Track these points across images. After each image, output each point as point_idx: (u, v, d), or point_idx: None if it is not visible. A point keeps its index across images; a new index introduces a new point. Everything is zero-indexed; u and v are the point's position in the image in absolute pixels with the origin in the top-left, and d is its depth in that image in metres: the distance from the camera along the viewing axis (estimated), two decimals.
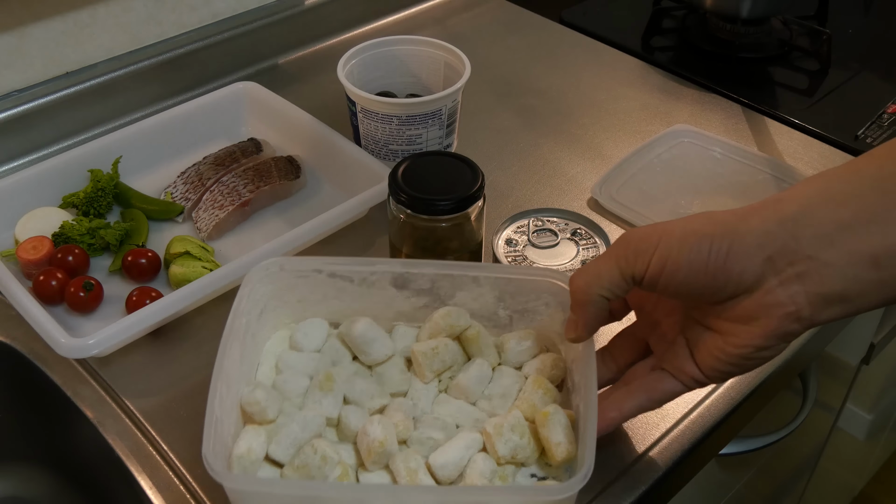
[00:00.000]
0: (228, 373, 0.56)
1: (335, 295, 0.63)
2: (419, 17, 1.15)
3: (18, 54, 0.86)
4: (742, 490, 1.02)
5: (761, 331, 0.49)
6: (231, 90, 0.91)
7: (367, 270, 0.62)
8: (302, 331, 0.63)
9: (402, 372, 0.62)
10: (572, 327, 0.55)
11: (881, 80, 1.04)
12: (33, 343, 0.69)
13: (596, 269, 0.52)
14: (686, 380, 0.54)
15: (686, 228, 0.49)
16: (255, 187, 0.81)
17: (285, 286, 0.63)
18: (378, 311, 0.64)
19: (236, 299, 0.59)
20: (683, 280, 0.48)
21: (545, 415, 0.55)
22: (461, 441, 0.56)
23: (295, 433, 0.56)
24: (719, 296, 0.49)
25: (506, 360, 0.62)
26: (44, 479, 0.77)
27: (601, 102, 0.99)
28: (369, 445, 0.54)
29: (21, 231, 0.76)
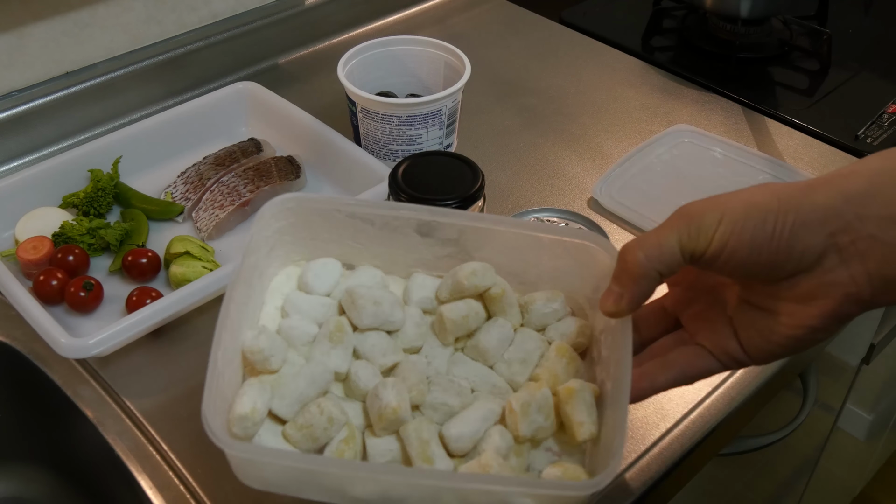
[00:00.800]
0: (234, 321, 0.52)
1: (352, 236, 0.59)
2: (419, 17, 1.15)
3: (18, 54, 0.86)
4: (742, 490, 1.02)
5: (818, 311, 0.46)
6: (231, 90, 0.91)
7: (390, 214, 0.58)
8: (313, 271, 0.59)
9: (418, 326, 0.58)
10: (613, 299, 0.50)
11: (881, 80, 1.04)
12: (33, 343, 0.69)
13: (656, 241, 0.48)
14: (726, 359, 0.51)
15: (749, 202, 0.46)
16: (255, 187, 0.81)
17: (299, 222, 0.59)
18: (397, 256, 0.60)
19: (247, 238, 0.55)
20: (745, 258, 0.46)
21: (570, 391, 0.52)
22: (477, 412, 0.53)
23: (300, 389, 0.53)
24: (777, 274, 0.47)
25: (529, 320, 0.59)
26: (44, 479, 0.77)
27: (601, 102, 0.99)
28: (381, 411, 0.51)
29: (21, 231, 0.76)
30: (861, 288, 0.46)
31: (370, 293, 0.57)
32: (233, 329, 0.52)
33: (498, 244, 0.58)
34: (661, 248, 0.48)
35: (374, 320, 0.56)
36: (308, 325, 0.57)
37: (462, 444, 0.51)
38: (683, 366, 0.52)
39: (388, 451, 0.52)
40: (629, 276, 0.49)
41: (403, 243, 0.59)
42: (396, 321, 0.57)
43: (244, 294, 0.54)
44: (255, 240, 0.56)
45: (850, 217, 0.45)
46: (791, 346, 0.49)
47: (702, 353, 0.52)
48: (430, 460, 0.50)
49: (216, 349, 0.50)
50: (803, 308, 0.47)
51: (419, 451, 0.51)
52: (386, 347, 0.56)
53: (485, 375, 0.56)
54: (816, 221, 0.45)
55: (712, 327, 0.52)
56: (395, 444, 0.52)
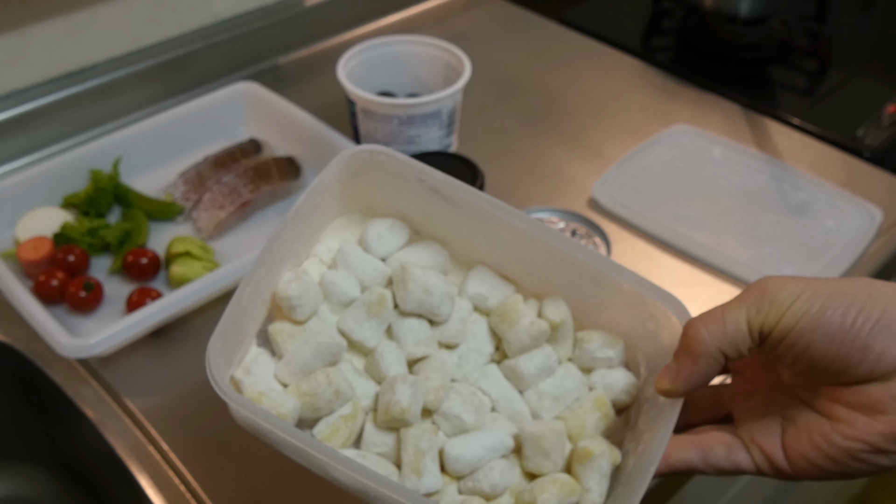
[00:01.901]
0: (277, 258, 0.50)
1: (427, 210, 0.55)
2: (419, 17, 1.15)
3: (19, 54, 0.86)
4: (742, 490, 1.02)
5: (885, 427, 0.40)
6: (231, 90, 0.91)
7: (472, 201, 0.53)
8: (377, 229, 0.55)
9: (462, 322, 0.54)
10: (669, 377, 0.45)
11: (881, 80, 1.04)
12: (34, 343, 0.69)
13: (720, 316, 0.43)
14: (760, 457, 0.45)
15: (837, 286, 0.41)
16: (255, 187, 0.81)
17: (378, 180, 0.54)
18: (466, 242, 0.56)
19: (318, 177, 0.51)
20: (813, 344, 0.41)
21: (588, 454, 0.48)
22: (487, 440, 0.50)
23: (305, 358, 0.50)
24: (847, 375, 0.41)
25: (578, 357, 0.54)
26: (44, 479, 0.77)
27: (601, 102, 0.99)
28: (389, 406, 0.48)
29: (22, 231, 0.76)
30: None
31: (424, 278, 0.52)
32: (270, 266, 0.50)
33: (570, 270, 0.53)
34: (725, 325, 0.43)
35: (418, 307, 0.53)
36: (351, 286, 0.53)
37: (459, 467, 0.49)
38: (706, 450, 0.46)
39: (382, 444, 0.50)
40: (687, 353, 0.44)
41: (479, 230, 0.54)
42: (442, 315, 0.53)
43: (296, 232, 0.51)
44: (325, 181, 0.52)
45: None
46: (840, 463, 0.42)
47: (734, 443, 0.46)
48: (418, 472, 0.48)
49: (245, 285, 0.47)
50: (868, 420, 0.41)
51: (412, 459, 0.49)
52: (421, 337, 0.53)
53: (511, 399, 0.53)
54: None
55: (758, 420, 0.46)
56: (392, 441, 0.50)
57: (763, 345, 0.43)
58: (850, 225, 0.81)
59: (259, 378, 0.50)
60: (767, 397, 0.47)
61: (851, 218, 0.82)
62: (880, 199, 0.84)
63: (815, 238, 0.80)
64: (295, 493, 0.60)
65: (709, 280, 0.77)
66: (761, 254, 0.79)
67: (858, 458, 0.41)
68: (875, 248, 0.81)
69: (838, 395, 0.42)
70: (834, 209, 0.83)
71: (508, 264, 0.56)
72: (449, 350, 0.54)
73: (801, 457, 0.43)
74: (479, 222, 0.54)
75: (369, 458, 0.50)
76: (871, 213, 0.82)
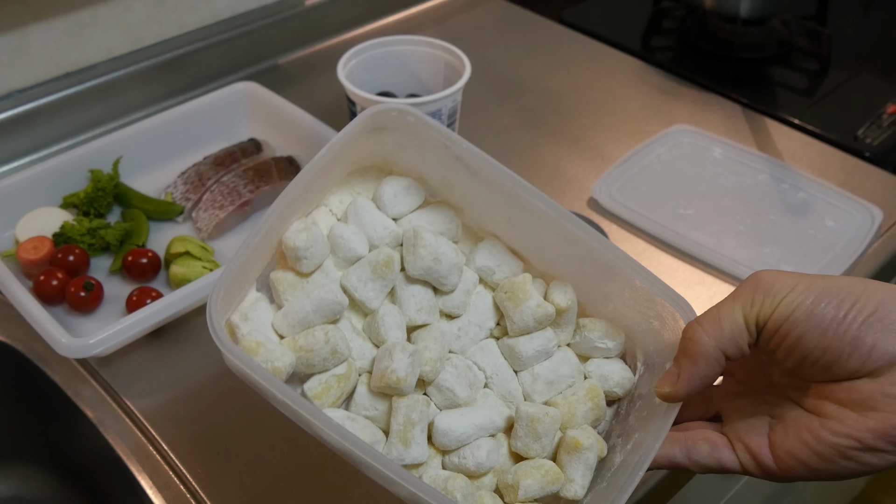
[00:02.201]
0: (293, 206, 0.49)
1: (448, 177, 0.54)
2: (419, 17, 1.15)
3: (19, 54, 0.86)
4: (742, 490, 1.02)
5: (875, 425, 0.40)
6: (231, 90, 0.91)
7: (496, 176, 0.51)
8: (393, 188, 0.54)
9: (467, 293, 0.53)
10: (669, 380, 0.44)
11: (881, 80, 1.04)
12: (34, 343, 0.69)
13: (716, 315, 0.43)
14: (744, 456, 0.44)
15: (835, 281, 0.41)
16: (255, 187, 0.81)
17: (401, 140, 0.53)
18: (481, 214, 0.55)
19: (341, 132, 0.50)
20: (805, 333, 0.40)
21: (576, 445, 0.48)
22: (477, 417, 0.49)
23: (305, 312, 0.49)
24: (837, 368, 0.41)
25: (577, 343, 0.54)
26: (44, 479, 0.77)
27: (601, 102, 0.99)
28: (385, 373, 0.48)
29: (21, 231, 0.76)
30: None
31: (435, 245, 0.51)
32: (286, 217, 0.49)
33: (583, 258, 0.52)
34: (721, 323, 0.42)
35: (425, 273, 0.52)
36: (359, 243, 0.52)
37: (446, 441, 0.49)
38: (690, 447, 0.46)
39: (372, 408, 0.50)
40: (686, 354, 0.44)
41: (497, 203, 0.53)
42: (448, 285, 0.52)
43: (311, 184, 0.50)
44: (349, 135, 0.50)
45: None
46: (828, 460, 0.41)
47: (719, 441, 0.46)
48: (406, 442, 0.48)
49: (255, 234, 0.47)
50: (858, 417, 0.40)
51: (401, 428, 0.48)
52: (424, 304, 0.52)
53: (505, 377, 0.53)
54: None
55: (746, 419, 0.46)
56: (384, 407, 0.49)
57: (758, 339, 0.42)
58: (850, 225, 0.81)
59: (256, 326, 0.49)
60: (757, 397, 0.47)
61: (851, 218, 0.82)
62: (880, 199, 0.84)
63: (815, 238, 0.80)
64: (295, 493, 0.60)
65: (709, 280, 0.77)
66: (761, 254, 0.79)
67: (848, 455, 0.41)
68: (875, 248, 0.81)
69: (829, 392, 0.42)
70: (834, 209, 0.83)
71: (521, 242, 0.55)
72: (449, 320, 0.54)
73: (788, 454, 0.42)
74: (498, 196, 0.52)
75: (358, 420, 0.49)
76: (871, 212, 0.82)
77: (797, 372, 0.43)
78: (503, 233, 0.55)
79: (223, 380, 0.67)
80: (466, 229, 0.56)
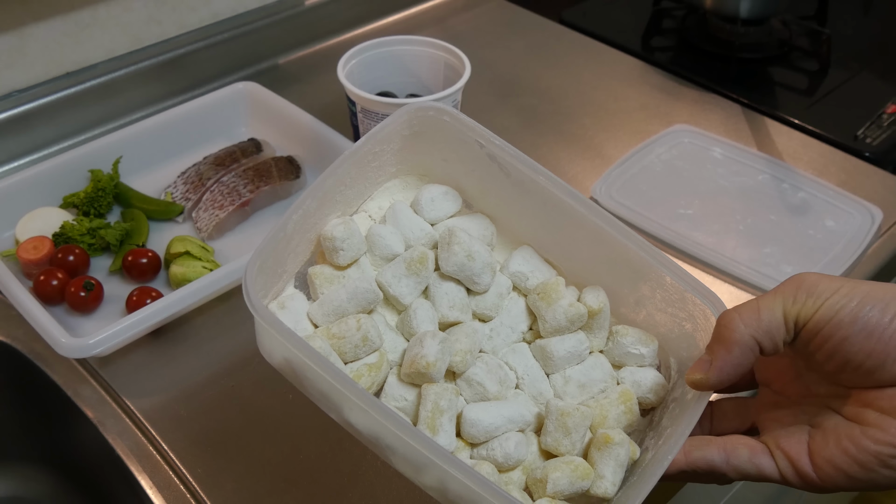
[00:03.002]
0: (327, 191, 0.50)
1: (483, 177, 0.55)
2: (419, 17, 1.15)
3: (19, 54, 0.86)
4: (742, 490, 1.02)
5: None
6: (231, 90, 0.91)
7: (529, 174, 0.53)
8: (430, 195, 0.55)
9: (500, 297, 0.54)
10: (701, 367, 0.44)
11: (881, 80, 1.04)
12: (34, 343, 0.69)
13: (756, 305, 0.43)
14: (784, 464, 0.43)
15: (873, 287, 0.41)
16: (255, 187, 0.81)
17: (438, 137, 0.54)
18: (517, 219, 0.56)
19: (378, 127, 0.52)
20: (850, 336, 0.40)
21: (607, 440, 0.47)
22: (507, 410, 0.49)
23: (340, 300, 0.50)
24: (881, 373, 0.41)
25: (609, 351, 0.53)
26: (44, 479, 0.77)
27: (601, 102, 0.99)
28: (415, 359, 0.48)
29: (21, 231, 0.76)
30: None
31: (469, 243, 0.52)
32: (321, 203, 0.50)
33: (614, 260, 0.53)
34: (760, 313, 0.42)
35: (458, 270, 0.52)
36: (396, 241, 0.53)
37: (474, 432, 0.48)
38: (730, 451, 0.45)
39: (402, 398, 0.49)
40: (720, 340, 0.43)
41: (530, 209, 0.55)
42: (481, 284, 0.53)
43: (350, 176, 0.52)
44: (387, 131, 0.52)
45: None
46: (869, 469, 0.41)
47: (758, 447, 0.45)
48: (434, 430, 0.48)
49: (293, 212, 0.48)
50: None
51: (429, 415, 0.48)
52: (456, 301, 0.53)
53: (536, 378, 0.52)
54: None
55: (785, 427, 0.45)
56: (413, 396, 0.49)
57: (796, 339, 0.42)
58: (850, 225, 0.81)
59: (293, 315, 0.50)
60: (795, 408, 0.46)
61: (851, 218, 0.82)
62: (880, 199, 0.84)
63: (815, 238, 0.80)
64: (295, 493, 0.60)
65: (709, 280, 0.77)
66: (761, 254, 0.79)
67: (889, 464, 0.40)
68: (875, 248, 0.81)
69: (870, 399, 0.41)
70: (834, 209, 0.83)
71: (554, 249, 0.56)
72: (482, 322, 0.54)
73: (828, 462, 0.42)
74: (531, 199, 0.54)
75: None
76: (871, 212, 0.82)
77: (838, 377, 0.43)
78: (537, 241, 0.56)
79: (223, 380, 0.67)
80: (501, 239, 0.57)
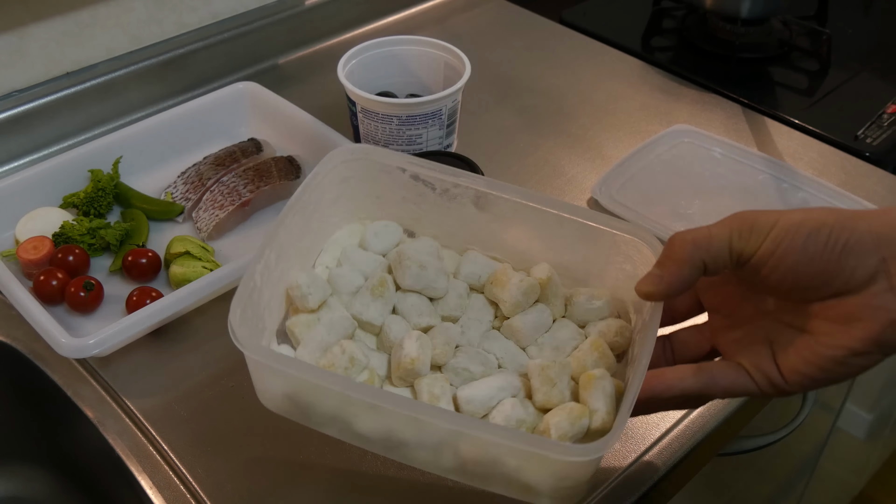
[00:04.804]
0: (282, 244, 0.54)
1: (414, 200, 0.61)
2: (419, 17, 1.15)
3: (19, 54, 0.86)
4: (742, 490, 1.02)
5: (861, 334, 0.46)
6: (231, 90, 0.91)
7: (450, 181, 0.59)
8: (374, 230, 0.62)
9: (461, 297, 0.59)
10: (652, 281, 0.50)
11: (881, 80, 1.04)
12: (33, 343, 0.69)
13: (707, 232, 0.48)
14: (762, 379, 0.50)
15: (806, 214, 0.47)
16: (255, 187, 0.81)
17: (366, 177, 0.61)
18: (453, 228, 0.61)
19: (311, 174, 0.57)
20: (793, 265, 0.46)
21: (590, 377, 0.52)
22: (496, 381, 0.53)
23: (321, 336, 0.54)
24: (824, 290, 0.47)
25: (571, 314, 0.59)
26: (44, 479, 0.77)
27: (601, 102, 0.99)
28: (400, 360, 0.53)
29: (21, 231, 0.76)
30: None
31: (417, 256, 0.58)
32: (280, 251, 0.54)
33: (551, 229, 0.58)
34: (711, 240, 0.48)
35: (416, 282, 0.57)
36: (355, 276, 0.58)
37: (472, 408, 0.52)
38: (717, 374, 0.50)
39: None
40: (673, 259, 0.49)
41: (460, 215, 0.60)
42: (439, 288, 0.58)
43: (297, 225, 0.56)
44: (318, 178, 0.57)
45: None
46: (830, 370, 0.47)
47: (738, 369, 0.51)
48: None
49: (256, 262, 0.51)
50: (845, 329, 0.46)
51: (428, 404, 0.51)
52: (423, 309, 0.57)
53: (515, 354, 0.57)
54: (871, 243, 0.45)
55: (752, 349, 0.51)
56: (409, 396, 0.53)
57: (744, 268, 0.48)
58: None
59: None
60: (749, 326, 0.52)
61: None
62: (880, 199, 0.85)
63: None
64: (295, 493, 0.60)
65: None
66: None
67: (843, 363, 0.47)
68: None
69: (818, 310, 0.47)
70: None
71: (494, 244, 0.62)
72: (452, 322, 0.58)
73: (795, 371, 0.48)
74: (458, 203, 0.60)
75: None
76: None
77: (787, 296, 0.49)
78: (478, 241, 0.62)
79: (223, 380, 0.67)
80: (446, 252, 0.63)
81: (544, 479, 0.49)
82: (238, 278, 0.67)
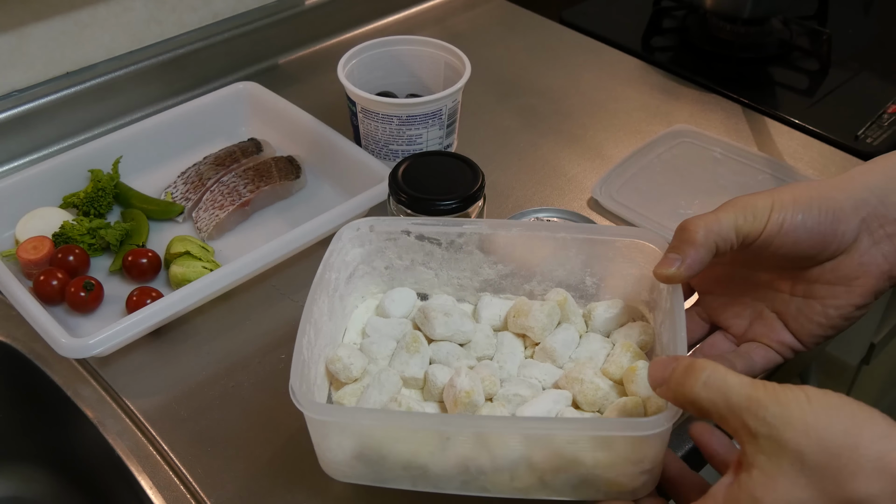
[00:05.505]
0: (317, 320, 0.56)
1: (422, 261, 0.64)
2: (419, 17, 1.15)
3: (19, 54, 0.86)
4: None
5: (862, 290, 0.53)
6: (231, 90, 0.91)
7: (454, 232, 0.62)
8: (390, 298, 0.64)
9: (488, 337, 0.61)
10: (670, 263, 0.53)
11: (881, 80, 1.04)
12: (33, 343, 0.69)
13: (715, 217, 0.52)
14: (783, 349, 0.56)
15: (793, 192, 0.52)
16: (255, 187, 0.81)
17: (374, 250, 0.63)
18: (465, 280, 0.64)
19: (326, 254, 0.59)
20: (797, 239, 0.51)
21: (633, 369, 0.54)
22: (549, 395, 0.55)
23: (374, 397, 0.56)
24: (822, 256, 0.53)
25: (593, 327, 0.62)
26: (44, 479, 0.77)
27: (601, 102, 0.99)
28: (456, 396, 0.54)
29: (21, 231, 0.76)
30: (893, 265, 0.53)
31: (441, 307, 0.61)
32: (316, 327, 0.56)
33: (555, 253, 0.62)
34: (719, 223, 0.52)
35: (445, 330, 0.60)
36: (387, 342, 0.60)
37: None
38: (747, 359, 0.57)
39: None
40: (689, 243, 0.52)
41: (469, 263, 0.63)
42: (467, 331, 0.61)
43: (326, 304, 0.58)
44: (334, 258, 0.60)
45: (876, 204, 0.52)
46: (839, 326, 0.55)
47: (760, 348, 0.57)
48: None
49: (301, 336, 0.53)
50: (847, 289, 0.53)
51: None
52: (459, 353, 0.60)
53: (555, 374, 0.58)
54: (850, 208, 0.52)
55: (763, 323, 0.57)
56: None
57: (750, 247, 0.52)
58: None
59: None
60: (745, 299, 0.58)
61: None
62: None
63: None
64: (295, 493, 0.60)
65: None
66: None
67: (849, 317, 0.54)
68: None
69: (817, 275, 0.54)
70: None
71: (506, 286, 0.64)
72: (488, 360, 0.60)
73: (811, 335, 0.56)
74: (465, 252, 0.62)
75: None
76: None
77: (792, 265, 0.55)
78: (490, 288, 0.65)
79: (223, 380, 0.67)
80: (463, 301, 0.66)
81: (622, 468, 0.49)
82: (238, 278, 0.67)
